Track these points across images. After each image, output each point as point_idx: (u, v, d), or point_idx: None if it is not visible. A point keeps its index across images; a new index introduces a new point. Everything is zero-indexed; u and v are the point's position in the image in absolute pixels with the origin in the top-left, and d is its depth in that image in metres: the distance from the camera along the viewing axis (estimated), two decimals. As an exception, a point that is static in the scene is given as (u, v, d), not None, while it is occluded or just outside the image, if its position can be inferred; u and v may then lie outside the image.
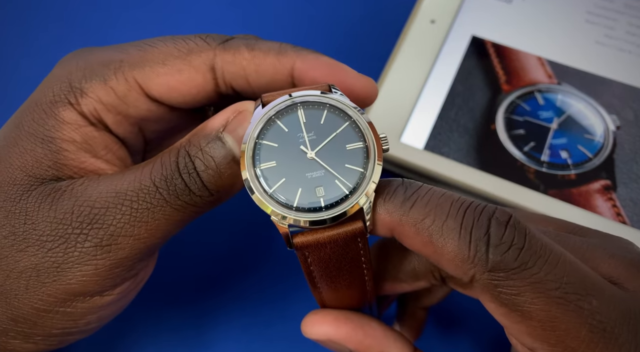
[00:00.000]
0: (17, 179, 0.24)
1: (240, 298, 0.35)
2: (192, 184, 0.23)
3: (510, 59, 0.39)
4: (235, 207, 0.38)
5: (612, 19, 0.40)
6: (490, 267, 0.20)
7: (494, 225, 0.20)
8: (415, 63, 0.39)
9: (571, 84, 0.38)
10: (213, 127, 0.23)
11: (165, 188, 0.23)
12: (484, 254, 0.20)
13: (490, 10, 0.41)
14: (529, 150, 0.36)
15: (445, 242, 0.20)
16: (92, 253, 0.23)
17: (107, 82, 0.25)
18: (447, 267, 0.21)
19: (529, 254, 0.20)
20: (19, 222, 0.23)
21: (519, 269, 0.19)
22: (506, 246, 0.20)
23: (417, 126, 0.37)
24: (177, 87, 0.25)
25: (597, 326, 0.19)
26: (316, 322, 0.25)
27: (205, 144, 0.23)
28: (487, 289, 0.20)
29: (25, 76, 0.43)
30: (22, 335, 0.23)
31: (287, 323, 0.34)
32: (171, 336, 0.34)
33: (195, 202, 0.23)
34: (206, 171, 0.23)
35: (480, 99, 0.38)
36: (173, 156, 0.23)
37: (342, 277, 0.23)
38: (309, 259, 0.22)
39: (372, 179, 0.21)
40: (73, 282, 0.23)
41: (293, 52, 0.25)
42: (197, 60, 0.25)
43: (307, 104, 0.22)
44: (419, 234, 0.21)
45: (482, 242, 0.20)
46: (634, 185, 0.35)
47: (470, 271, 0.20)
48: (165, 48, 0.25)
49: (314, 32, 0.44)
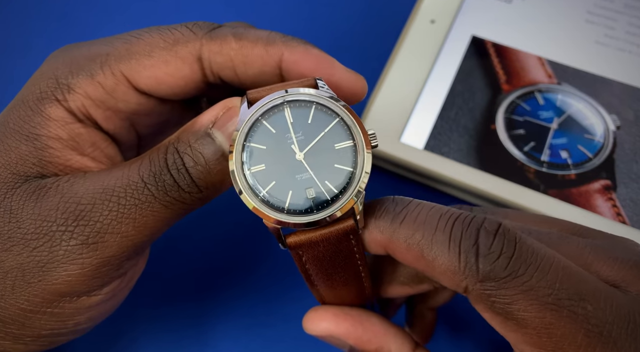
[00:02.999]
0: (1, 176, 0.23)
1: (239, 297, 0.35)
2: (181, 180, 0.23)
3: (510, 59, 0.39)
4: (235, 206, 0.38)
5: (612, 19, 0.40)
6: (482, 277, 0.20)
7: (483, 235, 0.20)
8: (415, 63, 0.39)
9: (571, 84, 0.38)
10: (202, 123, 0.23)
11: (153, 184, 0.22)
12: (474, 265, 0.20)
13: (490, 10, 0.41)
14: (529, 150, 0.36)
15: (435, 255, 0.20)
16: (78, 251, 0.22)
17: (94, 77, 0.24)
18: (441, 279, 0.21)
19: (518, 262, 0.20)
20: (3, 221, 0.22)
21: (510, 277, 0.19)
22: (495, 255, 0.20)
23: (417, 126, 0.37)
24: (165, 78, 0.25)
25: (593, 330, 0.19)
26: (316, 318, 0.25)
27: (194, 140, 0.23)
28: (481, 299, 0.20)
29: (24, 77, 0.43)
30: (11, 336, 0.23)
31: (287, 322, 0.34)
32: (170, 335, 0.34)
33: (184, 199, 0.23)
34: (195, 167, 0.23)
35: (480, 99, 0.38)
36: (162, 153, 0.23)
37: (337, 274, 0.23)
38: (304, 258, 0.22)
39: (365, 170, 0.21)
40: (59, 282, 0.22)
41: (281, 43, 0.25)
42: (183, 51, 0.25)
43: (294, 102, 0.22)
44: (410, 249, 0.21)
45: (472, 253, 0.20)
46: (634, 185, 0.35)
47: (462, 283, 0.20)
48: (151, 39, 0.25)
49: (313, 32, 0.44)
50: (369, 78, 0.40)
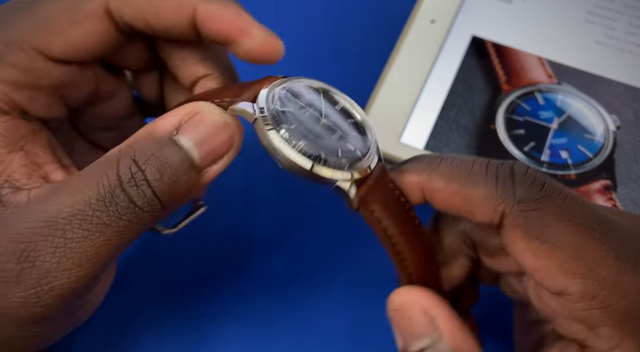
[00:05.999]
0: None
1: (239, 298, 0.35)
2: (139, 198, 0.20)
3: (510, 59, 0.39)
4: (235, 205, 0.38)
5: (612, 19, 0.40)
6: (518, 199, 0.21)
7: (517, 166, 0.22)
8: (415, 63, 0.39)
9: (571, 84, 0.38)
10: (164, 129, 0.21)
11: (104, 210, 0.20)
12: (511, 188, 0.21)
13: (490, 10, 0.41)
14: (529, 150, 0.36)
15: (473, 186, 0.22)
16: (26, 302, 0.20)
17: (4, 58, 0.22)
18: (478, 211, 0.22)
19: (551, 188, 0.21)
20: None
21: (544, 198, 0.21)
22: (530, 180, 0.21)
23: (417, 126, 0.37)
24: (78, 41, 0.23)
25: (621, 254, 0.20)
26: (414, 291, 0.23)
27: (157, 148, 0.20)
28: (517, 223, 0.21)
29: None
30: None
31: (287, 322, 0.34)
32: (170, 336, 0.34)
33: (141, 220, 0.21)
34: (160, 180, 0.20)
35: (480, 99, 0.38)
36: (111, 168, 0.20)
37: (408, 222, 0.24)
38: (376, 213, 0.22)
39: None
40: (9, 337, 0.20)
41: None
42: (88, 7, 0.23)
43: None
44: (448, 184, 0.22)
45: (508, 179, 0.21)
46: (634, 185, 0.35)
47: (499, 207, 0.21)
48: (54, 2, 0.23)
49: (313, 32, 0.44)
50: (369, 78, 0.41)
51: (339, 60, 0.43)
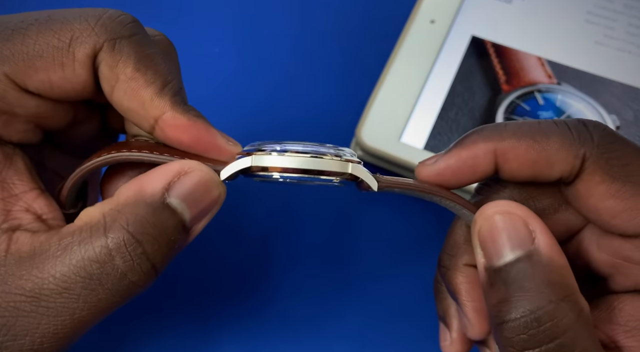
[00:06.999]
0: None
1: (240, 297, 0.35)
2: (135, 274, 0.19)
3: (510, 59, 0.39)
4: (236, 208, 0.38)
5: (612, 19, 0.40)
6: (597, 141, 0.21)
7: (584, 119, 0.22)
8: (415, 63, 0.39)
9: (571, 84, 0.38)
10: (154, 192, 0.20)
11: (92, 289, 0.19)
12: (587, 133, 0.21)
13: (490, 10, 0.41)
14: (528, 151, 0.36)
15: (548, 136, 0.21)
16: None
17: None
18: (557, 159, 0.21)
19: (618, 134, 0.21)
20: None
21: (619, 142, 0.21)
22: (602, 126, 0.21)
23: (417, 126, 0.37)
24: (60, 83, 0.21)
25: None
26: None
27: (151, 215, 0.19)
28: (600, 164, 0.21)
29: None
30: None
31: (288, 322, 0.34)
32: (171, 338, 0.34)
33: (134, 293, 0.20)
34: (159, 250, 0.19)
35: (480, 99, 0.38)
36: (97, 239, 0.19)
37: None
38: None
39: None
40: None
41: (170, 101, 0.21)
42: (80, 52, 0.21)
43: None
44: (521, 139, 0.21)
45: (581, 127, 0.21)
46: (634, 185, 0.35)
47: (580, 151, 0.21)
48: (42, 35, 0.21)
49: (312, 32, 0.44)
50: (369, 78, 0.41)
51: (339, 60, 0.43)
